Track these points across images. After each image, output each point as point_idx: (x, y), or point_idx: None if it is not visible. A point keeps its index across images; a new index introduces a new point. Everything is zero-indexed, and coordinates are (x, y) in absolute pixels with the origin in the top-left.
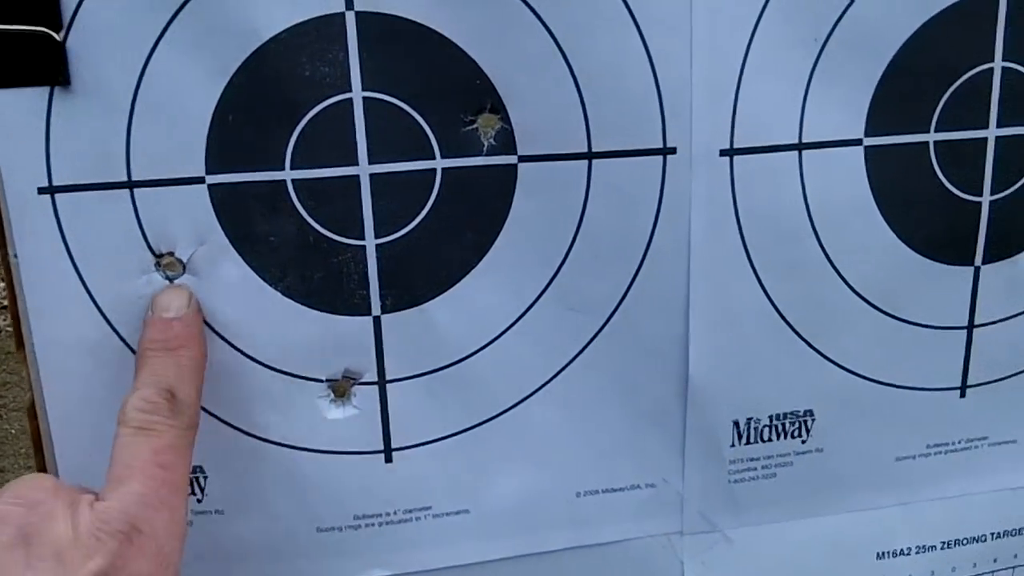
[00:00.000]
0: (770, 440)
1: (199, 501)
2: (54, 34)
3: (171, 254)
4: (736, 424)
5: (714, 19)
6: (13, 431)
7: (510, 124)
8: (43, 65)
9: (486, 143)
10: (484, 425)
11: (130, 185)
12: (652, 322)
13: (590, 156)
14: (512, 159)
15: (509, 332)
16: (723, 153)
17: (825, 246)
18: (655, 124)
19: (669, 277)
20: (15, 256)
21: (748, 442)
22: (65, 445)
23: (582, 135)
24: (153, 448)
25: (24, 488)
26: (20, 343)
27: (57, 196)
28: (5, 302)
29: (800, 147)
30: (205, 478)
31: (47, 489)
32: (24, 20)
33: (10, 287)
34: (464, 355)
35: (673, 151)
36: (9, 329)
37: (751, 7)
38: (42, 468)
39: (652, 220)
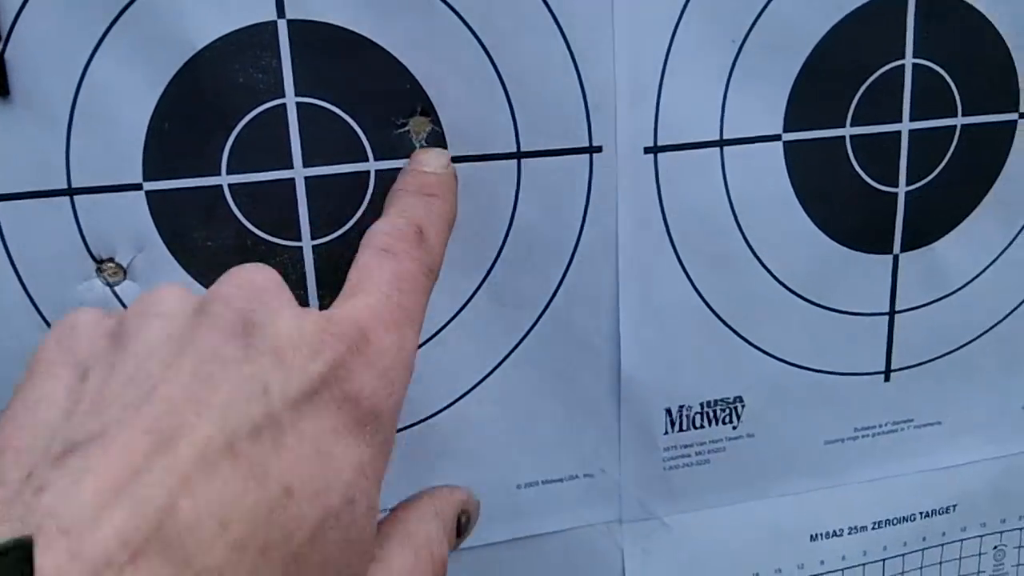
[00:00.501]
0: (702, 427)
1: None
2: None
3: (111, 260)
4: (668, 412)
5: (635, 20)
6: None
7: (440, 126)
8: None
9: (418, 145)
10: (423, 423)
11: (70, 192)
12: (584, 317)
13: (519, 156)
14: None
15: (445, 329)
16: (647, 151)
17: (749, 239)
18: (581, 123)
19: (599, 273)
20: None
21: (681, 429)
22: None
23: (511, 135)
24: (393, 271)
25: (250, 274)
26: None
27: None
28: None
29: (721, 143)
30: None
31: (275, 281)
32: None
33: None
34: None
35: (599, 149)
36: None
37: (671, 9)
38: None
39: (581, 217)
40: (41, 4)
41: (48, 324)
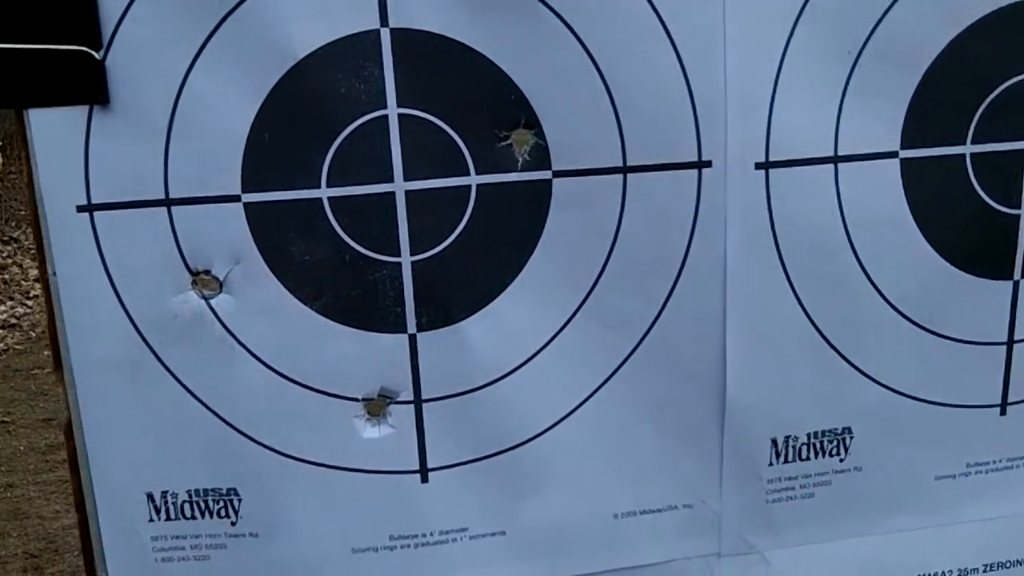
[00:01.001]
0: (808, 459)
1: (233, 524)
2: (94, 53)
3: (207, 272)
4: (774, 442)
5: (747, 30)
6: (21, 447)
7: (544, 139)
8: (83, 84)
9: (520, 159)
10: (520, 447)
11: (167, 203)
12: (688, 340)
13: (625, 170)
14: (546, 175)
15: (544, 352)
16: (758, 166)
17: (862, 260)
18: (690, 137)
19: (705, 293)
20: (54, 274)
21: (786, 460)
22: (101, 465)
23: (617, 149)
24: None
25: None
26: (58, 363)
27: (96, 214)
28: (13, 320)
29: (836, 160)
30: (239, 500)
31: None
32: (65, 39)
33: (48, 306)
34: (499, 375)
35: (708, 164)
36: (18, 347)
37: (784, 20)
38: (78, 488)
39: (688, 235)
40: (142, 12)
41: (143, 336)
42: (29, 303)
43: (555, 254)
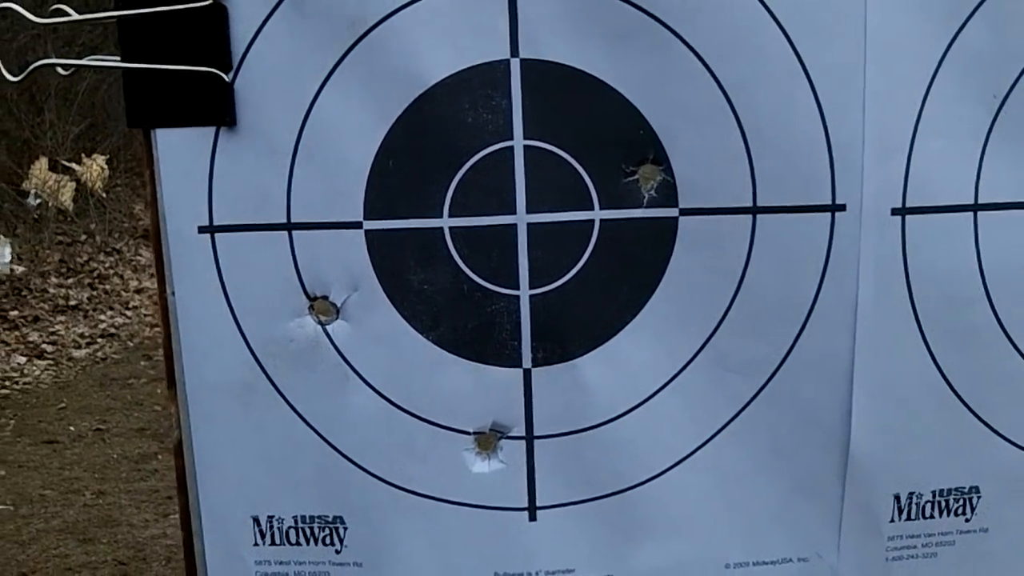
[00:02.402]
0: (932, 517)
1: (337, 552)
2: (223, 75)
3: (325, 298)
4: (897, 498)
5: (888, 71)
6: (115, 456)
7: (672, 176)
8: (211, 105)
9: (646, 195)
10: (632, 490)
11: (289, 227)
12: (813, 387)
13: (755, 211)
14: (673, 212)
15: (661, 393)
16: (895, 212)
17: (999, 314)
18: (824, 179)
19: (833, 340)
20: (173, 294)
21: (909, 518)
22: (209, 485)
23: (747, 189)
24: None
25: None
26: (172, 381)
27: (217, 236)
28: (112, 329)
29: (976, 208)
30: (345, 529)
31: None
32: (195, 61)
33: (165, 325)
34: (614, 415)
35: (842, 208)
36: (116, 356)
37: (928, 59)
38: (184, 507)
39: (818, 280)
40: (273, 35)
41: (257, 360)
42: (128, 314)
43: (678, 294)
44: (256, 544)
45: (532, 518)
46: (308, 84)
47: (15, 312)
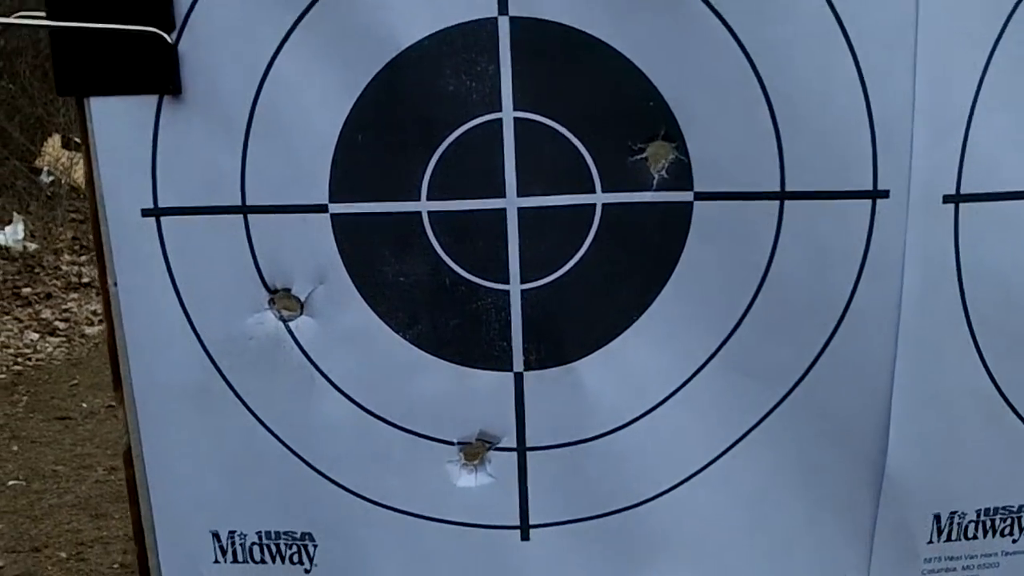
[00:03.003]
0: (975, 537)
1: (307, 572)
2: (165, 35)
3: (287, 291)
4: (937, 518)
5: (944, 35)
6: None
7: (687, 155)
8: (152, 70)
9: (656, 176)
10: (637, 508)
11: (244, 211)
12: (845, 396)
13: (783, 196)
14: (687, 196)
15: (670, 401)
16: (947, 199)
17: None
18: (865, 162)
19: (871, 345)
20: (115, 285)
21: (949, 539)
22: (162, 496)
23: (774, 171)
24: None
25: None
26: (118, 382)
27: (163, 219)
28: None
29: None
30: (315, 547)
31: None
32: (133, 19)
33: (108, 320)
34: (616, 425)
35: (885, 195)
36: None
37: (990, 21)
38: (137, 520)
39: (854, 276)
40: None
41: (212, 360)
42: None
43: (691, 289)
44: (216, 561)
45: (524, 537)
46: (263, 46)
47: (28, 289)
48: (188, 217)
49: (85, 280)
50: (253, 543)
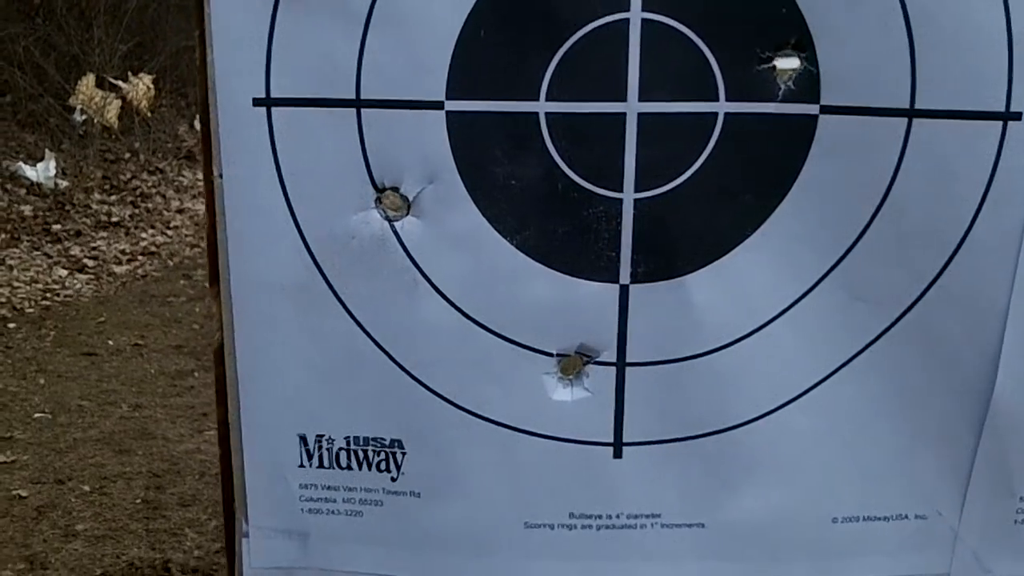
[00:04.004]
0: None
1: (393, 480)
2: None
3: (395, 190)
4: None
5: None
6: (152, 371)
7: (816, 66)
8: None
9: (783, 86)
10: (735, 430)
11: (358, 104)
12: (956, 326)
13: (911, 114)
14: (813, 109)
15: (778, 321)
16: None
17: None
18: (999, 81)
19: (986, 273)
20: (220, 176)
21: None
22: (252, 397)
23: (905, 87)
24: None
25: None
26: (215, 277)
27: (274, 110)
28: (153, 248)
29: None
30: (403, 455)
31: None
32: None
33: (210, 213)
34: (722, 344)
35: (1017, 117)
36: (156, 274)
37: None
38: (223, 420)
39: (978, 200)
40: None
41: (314, 257)
42: (169, 233)
43: (809, 206)
44: (302, 465)
45: (617, 455)
46: None
47: (58, 226)
48: (300, 108)
49: (115, 219)
50: (340, 448)
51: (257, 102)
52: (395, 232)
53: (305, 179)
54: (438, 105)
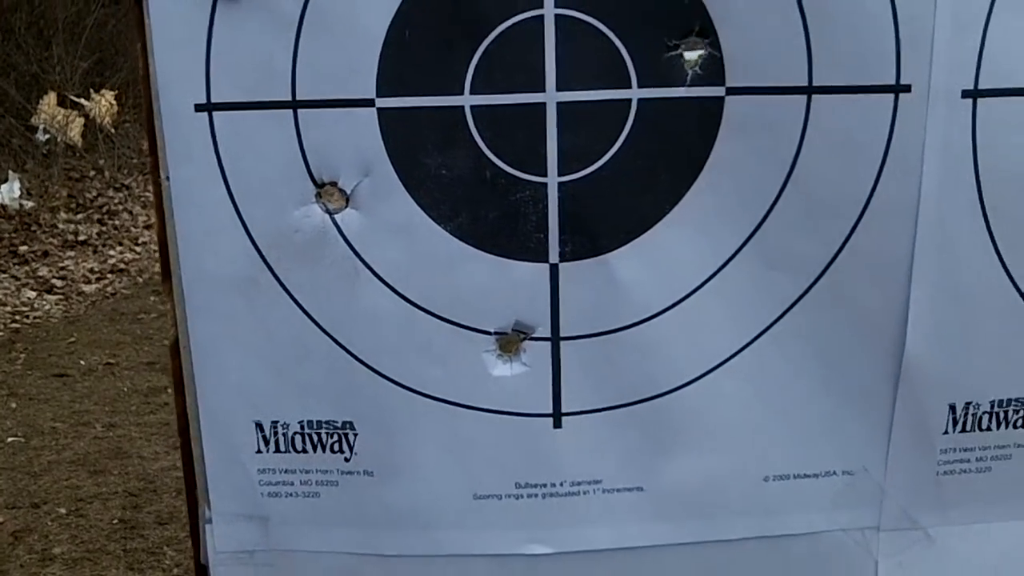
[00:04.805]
0: (989, 429)
1: (347, 460)
2: None
3: (334, 184)
4: (952, 409)
5: None
6: (125, 389)
7: (720, 50)
8: None
9: (690, 72)
10: (666, 396)
11: (294, 105)
12: (866, 288)
13: (810, 91)
14: (719, 91)
15: (699, 292)
16: (965, 94)
17: None
18: (888, 56)
19: (891, 237)
20: (167, 178)
21: (964, 430)
22: (208, 387)
23: (802, 66)
24: None
25: None
26: (167, 274)
27: (215, 114)
28: (122, 265)
29: None
30: (355, 436)
31: None
32: None
33: (159, 214)
34: (647, 315)
35: (907, 89)
36: (125, 292)
37: None
38: (182, 411)
39: (876, 169)
40: None
41: (260, 252)
42: (138, 249)
43: (721, 182)
44: (259, 451)
45: (557, 425)
46: None
47: (25, 247)
48: (240, 112)
49: (82, 238)
50: (295, 432)
51: (199, 108)
52: (336, 224)
53: (248, 178)
54: (370, 103)
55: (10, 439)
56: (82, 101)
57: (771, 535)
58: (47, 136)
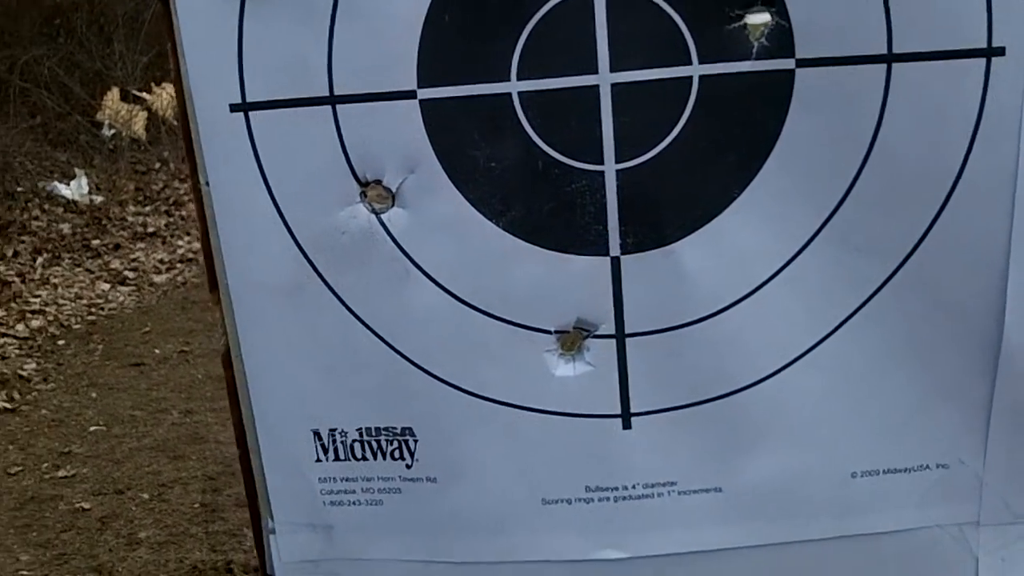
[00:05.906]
0: None
1: (408, 467)
2: None
3: (378, 182)
4: None
5: None
6: (199, 376)
7: (788, 20)
8: None
9: (756, 44)
10: (742, 392)
11: (332, 101)
12: (957, 272)
13: (890, 59)
14: (788, 63)
15: (773, 281)
16: None
17: None
18: (978, 16)
19: (985, 215)
20: (206, 184)
21: None
22: (262, 398)
23: (881, 33)
24: None
25: None
26: (214, 283)
27: (251, 114)
28: (191, 254)
29: None
30: (415, 442)
31: None
32: None
33: (201, 220)
34: (718, 308)
35: (1001, 52)
36: (195, 280)
37: None
38: (239, 422)
39: (967, 141)
40: None
41: (306, 255)
42: None
43: (794, 163)
44: (319, 460)
45: (626, 426)
46: None
47: (97, 241)
48: (276, 111)
49: (151, 230)
50: (354, 440)
51: (234, 108)
52: (382, 224)
53: (289, 179)
54: (411, 95)
55: (92, 428)
56: (144, 95)
57: (860, 534)
58: (112, 131)
